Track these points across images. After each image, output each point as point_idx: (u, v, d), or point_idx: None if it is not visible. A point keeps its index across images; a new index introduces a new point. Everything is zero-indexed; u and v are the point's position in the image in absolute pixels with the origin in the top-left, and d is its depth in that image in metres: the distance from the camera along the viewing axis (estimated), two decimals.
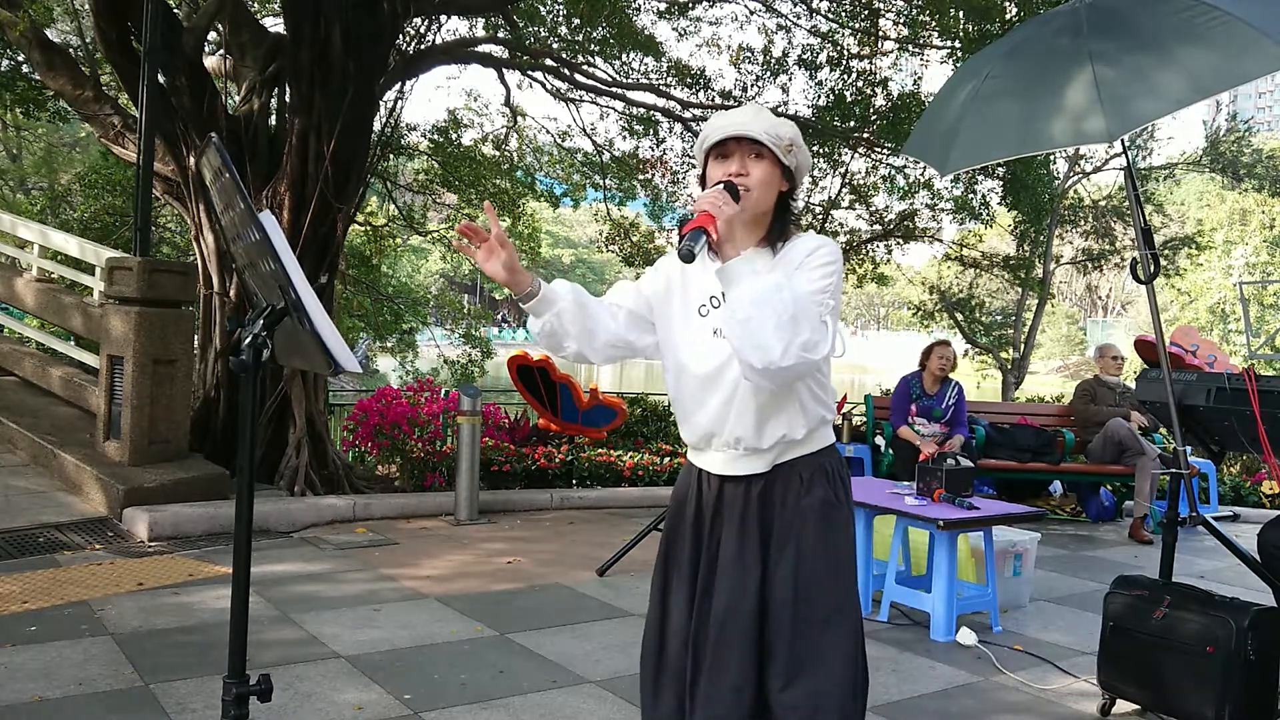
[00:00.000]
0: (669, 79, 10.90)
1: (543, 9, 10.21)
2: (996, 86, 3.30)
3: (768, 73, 10.91)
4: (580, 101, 11.19)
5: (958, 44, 9.07)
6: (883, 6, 10.16)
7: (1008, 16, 8.35)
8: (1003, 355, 19.19)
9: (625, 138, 11.82)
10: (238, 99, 7.62)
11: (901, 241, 14.45)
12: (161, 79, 6.54)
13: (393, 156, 11.14)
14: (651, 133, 11.52)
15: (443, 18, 8.56)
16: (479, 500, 6.32)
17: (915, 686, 3.62)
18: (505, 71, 10.29)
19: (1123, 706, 3.43)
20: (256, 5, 10.53)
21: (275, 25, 9.15)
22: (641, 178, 12.43)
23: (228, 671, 1.92)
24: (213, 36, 8.39)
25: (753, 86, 11.02)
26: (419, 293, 20.07)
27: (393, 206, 13.03)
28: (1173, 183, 27.97)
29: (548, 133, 13.12)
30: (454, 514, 6.22)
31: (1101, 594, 3.47)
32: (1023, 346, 19.47)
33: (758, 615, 1.97)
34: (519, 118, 12.37)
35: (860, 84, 10.70)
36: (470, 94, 20.24)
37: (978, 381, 21.31)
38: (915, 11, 9.66)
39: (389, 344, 14.58)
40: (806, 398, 1.99)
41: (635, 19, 10.59)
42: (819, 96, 10.92)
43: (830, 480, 2.02)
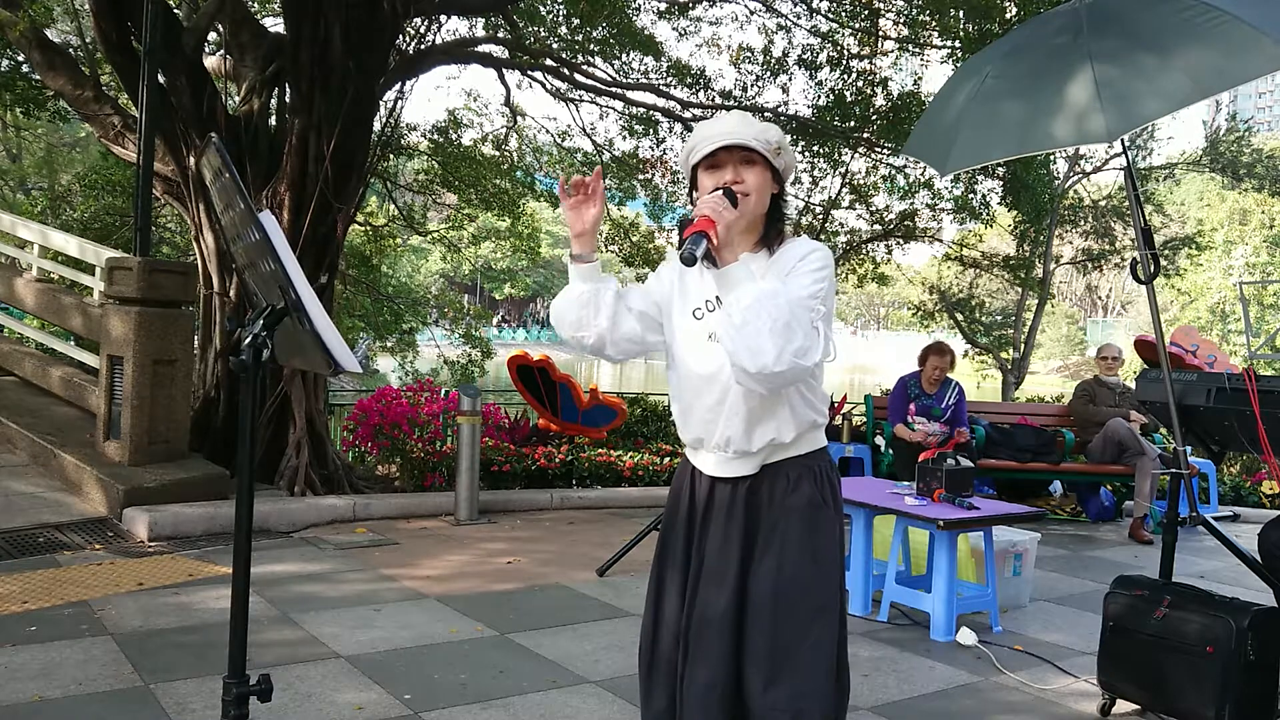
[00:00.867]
0: (669, 79, 10.90)
1: (543, 9, 10.21)
2: (996, 86, 3.30)
3: (768, 73, 10.92)
4: (580, 101, 11.20)
5: (958, 44, 9.07)
6: (883, 6, 10.16)
7: (1008, 16, 8.35)
8: (1003, 355, 19.19)
9: (625, 138, 11.83)
10: (238, 99, 7.62)
11: (901, 241, 14.46)
12: (161, 79, 6.54)
13: (393, 156, 11.13)
14: (651, 133, 11.53)
15: (443, 18, 8.56)
16: (479, 500, 6.32)
17: (915, 686, 3.62)
18: (505, 71, 10.29)
19: (1123, 706, 3.43)
20: (256, 5, 10.53)
21: (275, 25, 9.15)
22: (641, 178, 12.44)
23: (228, 671, 1.92)
24: (213, 36, 8.39)
25: (753, 86, 11.02)
26: (419, 293, 20.08)
27: (393, 206, 13.03)
28: (1173, 183, 27.99)
29: (548, 133, 13.14)
30: (454, 514, 6.22)
31: (1101, 594, 3.47)
32: (1023, 346, 19.46)
33: (735, 613, 1.98)
34: (519, 118, 12.38)
35: (860, 84, 10.71)
36: (470, 94, 20.21)
37: (978, 382, 21.32)
38: (915, 11, 9.66)
39: (389, 344, 14.58)
40: (797, 402, 2.01)
41: (635, 19, 10.60)
42: (819, 96, 10.93)
43: (817, 481, 2.03)
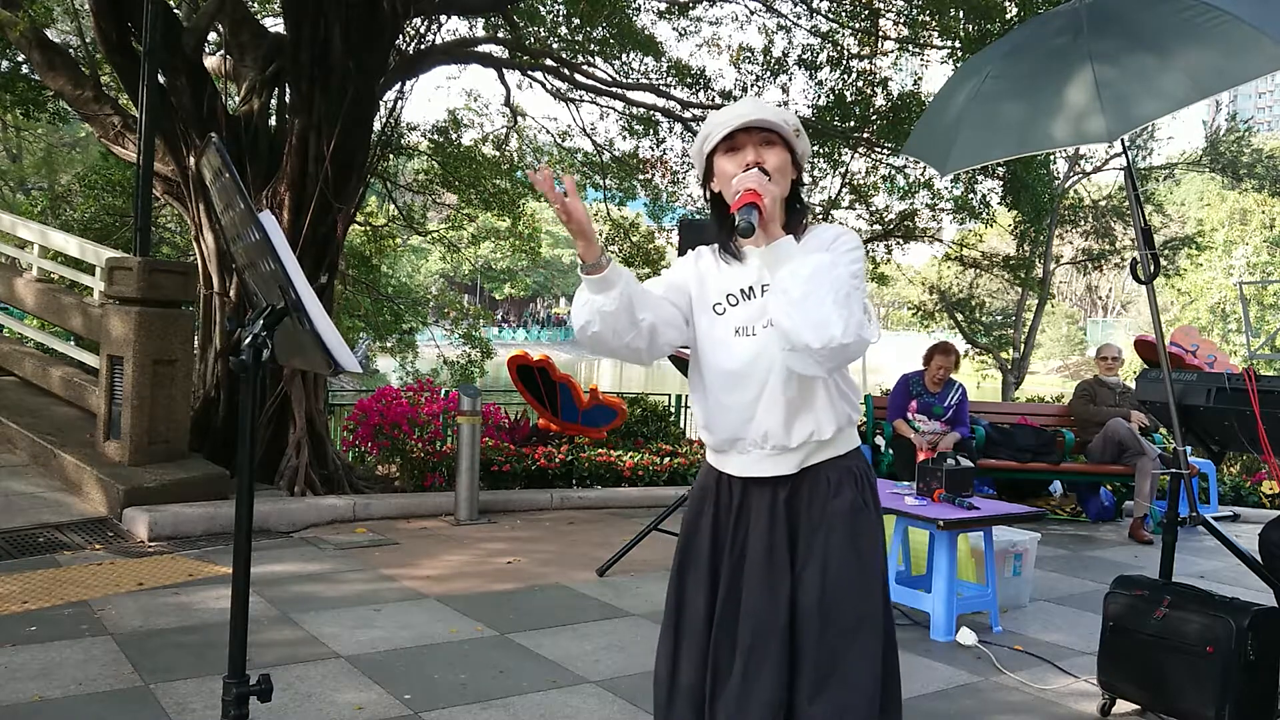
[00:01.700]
0: (669, 79, 10.90)
1: (543, 9, 10.21)
2: (996, 86, 3.30)
3: (768, 73, 10.92)
4: (580, 101, 11.20)
5: (958, 44, 9.07)
6: (883, 6, 10.16)
7: (1008, 16, 8.35)
8: (1003, 355, 19.19)
9: (625, 138, 11.84)
10: (238, 99, 7.62)
11: (901, 241, 14.46)
12: (161, 79, 6.54)
13: (393, 156, 11.13)
14: (651, 133, 11.53)
15: (443, 18, 8.56)
16: (479, 500, 6.32)
17: (915, 686, 3.62)
18: (505, 71, 10.29)
19: (1123, 706, 3.43)
20: (256, 5, 10.53)
21: (275, 25, 9.15)
22: (641, 178, 12.44)
23: (228, 671, 1.92)
24: (213, 37, 8.39)
25: (753, 86, 11.02)
26: (419, 293, 20.08)
27: (393, 206, 13.02)
28: (1173, 183, 28.00)
29: (548, 133, 13.14)
30: (454, 514, 6.22)
31: (1101, 594, 3.47)
32: (1023, 346, 19.47)
33: (789, 628, 1.90)
34: (519, 118, 12.37)
35: (860, 84, 10.71)
36: (470, 94, 20.23)
37: (978, 381, 21.32)
38: (915, 11, 9.66)
39: (389, 344, 14.58)
40: (834, 394, 1.93)
41: (635, 19, 10.60)
42: (819, 96, 10.94)
43: (858, 484, 1.97)
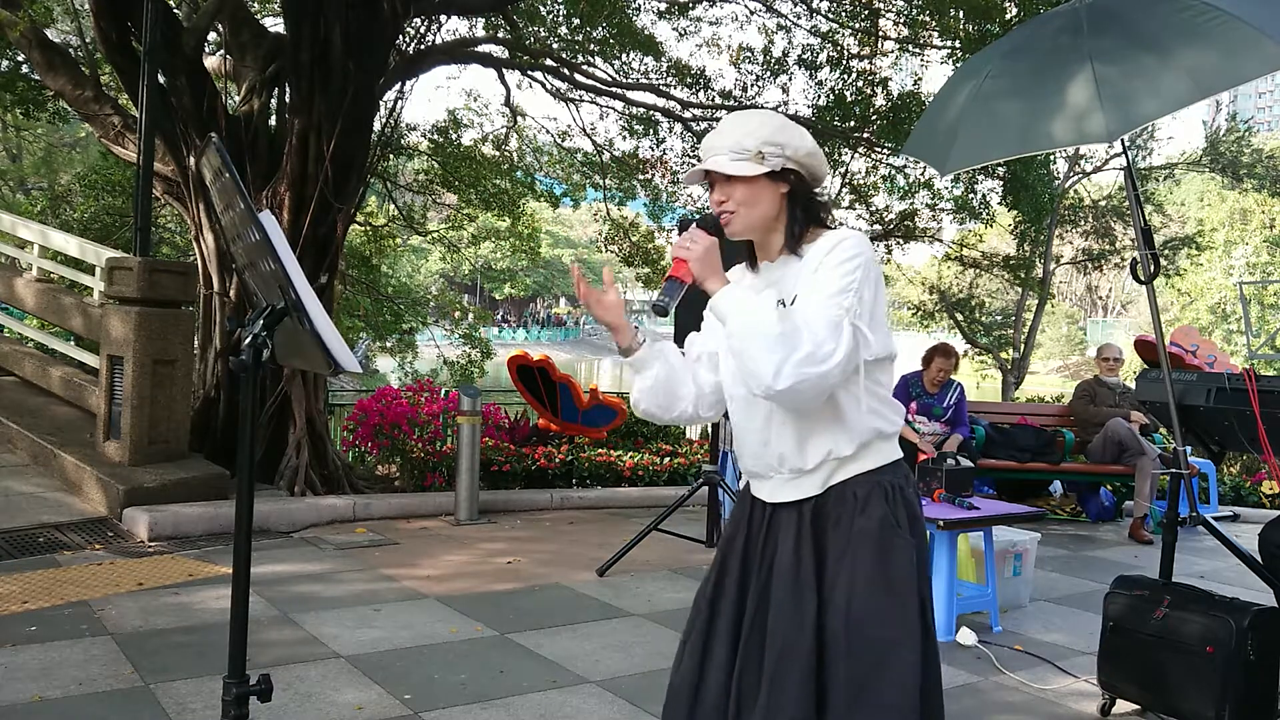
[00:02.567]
0: (669, 79, 10.90)
1: (543, 9, 10.21)
2: (996, 86, 3.30)
3: (768, 73, 10.92)
4: (580, 101, 11.19)
5: (958, 44, 9.07)
6: (883, 6, 10.16)
7: (1008, 16, 8.35)
8: (1003, 355, 19.19)
9: (625, 138, 11.82)
10: (238, 99, 7.62)
11: (901, 241, 14.46)
12: (161, 79, 6.54)
13: (393, 156, 11.13)
14: (651, 133, 11.52)
15: (443, 18, 8.56)
16: (479, 500, 6.32)
17: None
18: (505, 71, 10.29)
19: (1123, 706, 3.43)
20: (256, 5, 10.53)
21: (275, 25, 9.15)
22: (641, 178, 12.43)
23: (228, 671, 1.92)
24: (213, 36, 8.39)
25: (753, 86, 11.02)
26: (419, 293, 20.08)
27: (393, 206, 13.03)
28: (1173, 183, 27.99)
29: (548, 133, 13.12)
30: (454, 514, 6.22)
31: (1101, 594, 3.47)
32: (1023, 346, 19.47)
33: (817, 649, 1.83)
34: (519, 118, 12.37)
35: (860, 84, 10.70)
36: (470, 94, 20.20)
37: (978, 381, 21.33)
38: (915, 11, 9.66)
39: (389, 344, 14.58)
40: (851, 409, 1.85)
41: (635, 19, 10.59)
42: (819, 96, 10.93)
43: (890, 500, 1.87)
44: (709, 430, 7.31)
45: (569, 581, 4.89)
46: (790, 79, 11.04)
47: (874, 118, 10.63)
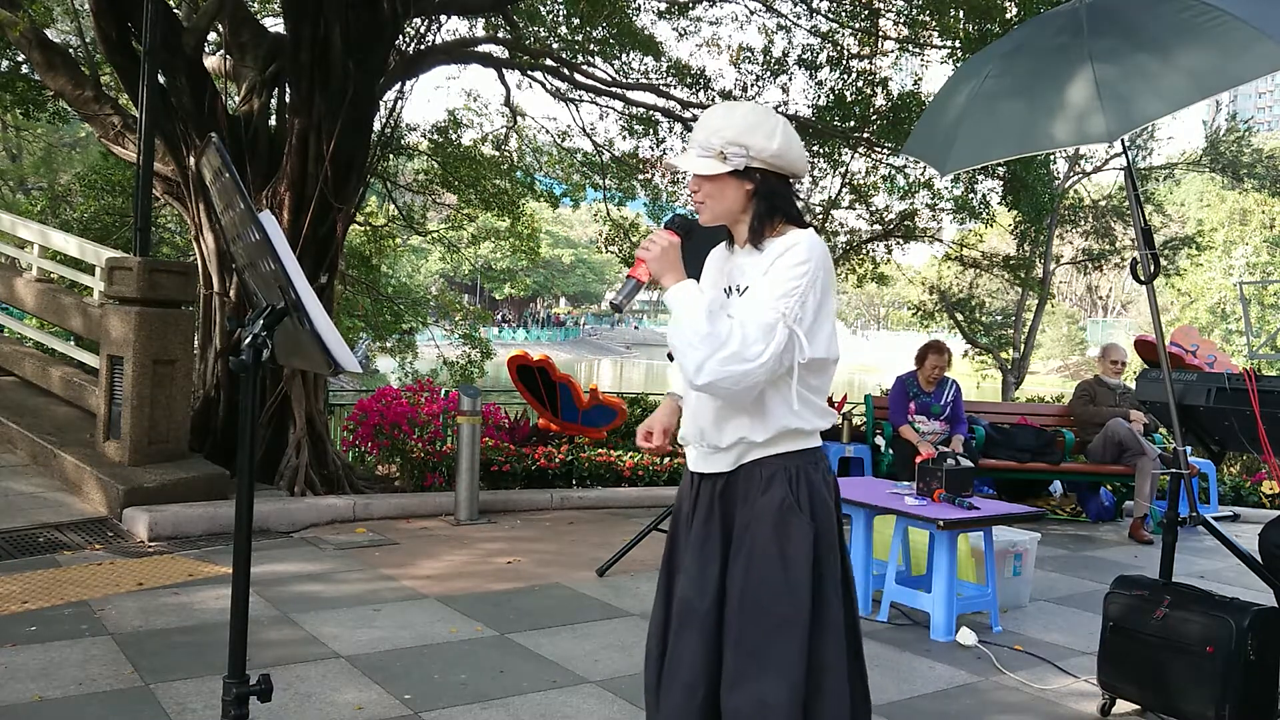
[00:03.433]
0: (669, 79, 10.90)
1: (543, 9, 10.22)
2: (996, 86, 3.30)
3: (768, 73, 10.92)
4: (580, 101, 11.20)
5: (958, 44, 9.06)
6: (883, 6, 10.16)
7: (1008, 16, 8.35)
8: (1003, 355, 19.19)
9: (625, 138, 11.83)
10: (238, 99, 7.62)
11: (901, 241, 14.46)
12: (161, 79, 6.54)
13: (393, 156, 11.13)
14: (651, 133, 11.52)
15: (443, 18, 8.56)
16: (479, 500, 6.32)
17: (915, 686, 3.63)
18: (505, 71, 10.29)
19: (1123, 706, 3.43)
20: (256, 5, 10.53)
21: (275, 25, 9.16)
22: (641, 178, 12.44)
23: (228, 671, 1.92)
24: (213, 36, 8.39)
25: (753, 86, 11.02)
26: (419, 293, 20.09)
27: (393, 206, 13.03)
28: (1173, 183, 27.99)
29: (547, 133, 13.14)
30: (454, 514, 6.22)
31: (1101, 594, 3.47)
32: (1023, 346, 19.47)
33: (715, 613, 1.97)
34: (519, 118, 12.38)
35: (860, 84, 10.70)
36: (470, 94, 20.23)
37: (978, 381, 21.32)
38: (915, 11, 9.66)
39: (389, 344, 14.59)
40: (775, 404, 1.97)
41: (635, 19, 10.59)
42: (819, 96, 10.93)
43: (793, 483, 1.98)
44: None
45: (569, 581, 4.89)
46: (790, 79, 11.05)
47: (874, 118, 10.63)
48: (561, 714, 3.20)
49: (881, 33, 10.84)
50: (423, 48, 8.25)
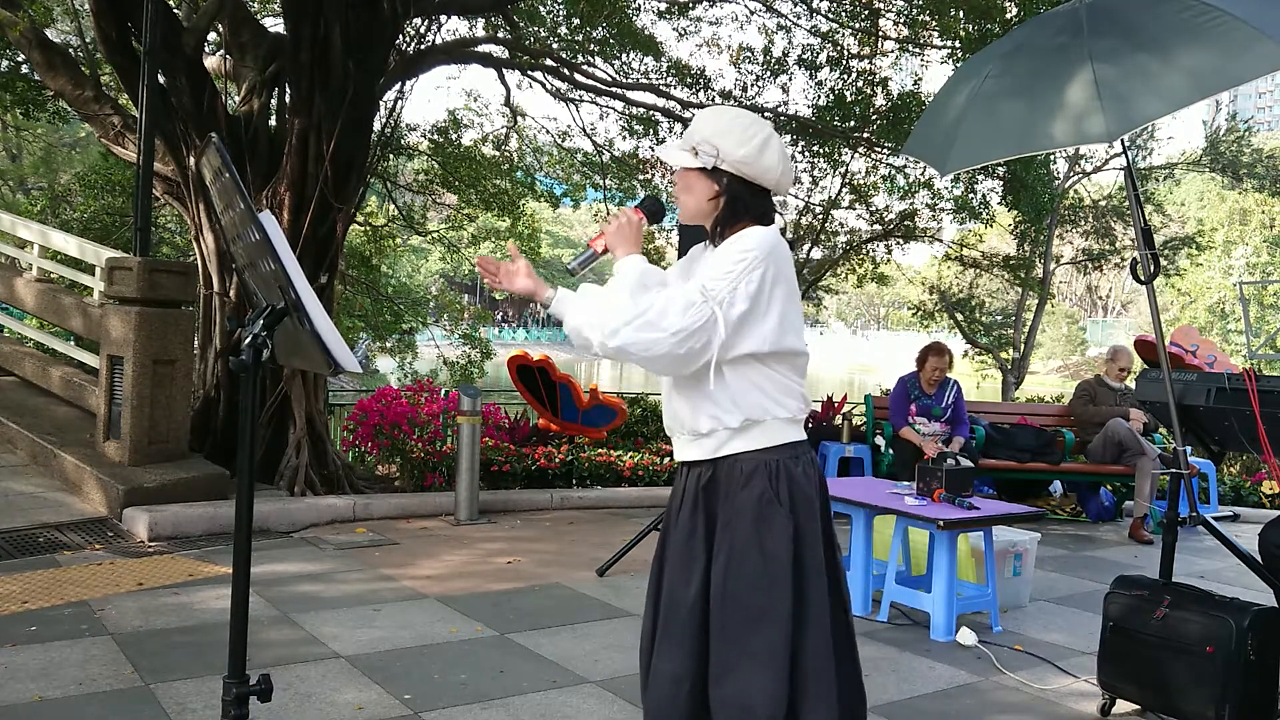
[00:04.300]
0: (669, 79, 10.90)
1: (543, 9, 10.22)
2: (996, 86, 3.30)
3: (768, 73, 10.92)
4: (580, 101, 11.20)
5: (958, 44, 9.07)
6: (883, 6, 10.16)
7: (1008, 16, 8.35)
8: (1003, 355, 19.18)
9: (625, 138, 11.83)
10: (238, 99, 7.62)
11: (901, 241, 14.46)
12: (161, 79, 6.54)
13: (393, 156, 11.13)
14: (651, 133, 11.52)
15: (443, 18, 8.56)
16: (479, 500, 6.32)
17: (915, 686, 3.63)
18: (505, 71, 10.29)
19: (1123, 706, 3.43)
20: (256, 5, 10.53)
21: (275, 25, 9.16)
22: (641, 178, 12.44)
23: (228, 671, 1.92)
24: (213, 36, 8.39)
25: (753, 86, 11.03)
26: (419, 293, 20.09)
27: (393, 206, 13.03)
28: (1173, 183, 27.98)
29: (548, 133, 13.14)
30: (454, 514, 6.22)
31: (1101, 594, 3.47)
32: (1023, 346, 19.46)
33: (701, 606, 2.00)
34: (519, 118, 12.37)
35: (860, 84, 10.71)
36: (470, 94, 20.23)
37: (978, 382, 21.30)
38: (915, 11, 9.66)
39: (389, 344, 14.59)
40: (741, 386, 1.99)
41: (635, 19, 10.60)
42: (819, 96, 10.94)
43: (773, 478, 1.99)
44: None
45: (569, 581, 4.89)
46: (790, 79, 11.06)
47: (874, 118, 10.63)
48: (561, 714, 3.20)
49: (881, 33, 10.85)
50: (423, 48, 8.25)
